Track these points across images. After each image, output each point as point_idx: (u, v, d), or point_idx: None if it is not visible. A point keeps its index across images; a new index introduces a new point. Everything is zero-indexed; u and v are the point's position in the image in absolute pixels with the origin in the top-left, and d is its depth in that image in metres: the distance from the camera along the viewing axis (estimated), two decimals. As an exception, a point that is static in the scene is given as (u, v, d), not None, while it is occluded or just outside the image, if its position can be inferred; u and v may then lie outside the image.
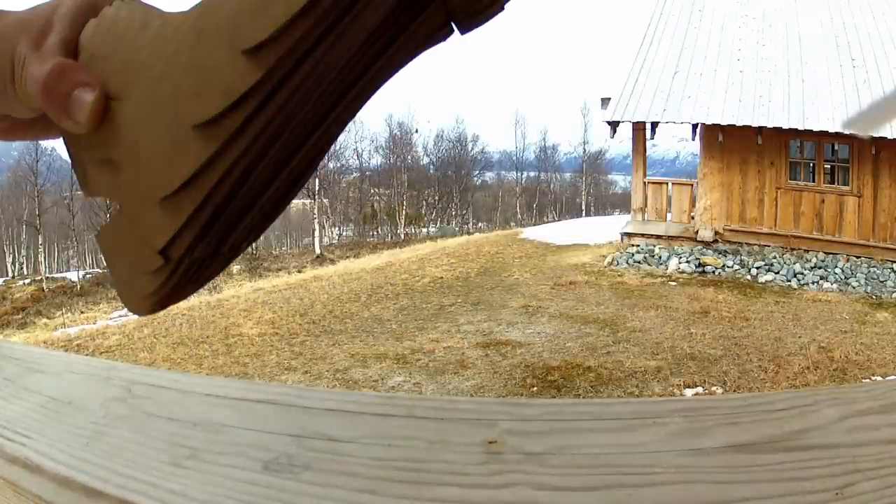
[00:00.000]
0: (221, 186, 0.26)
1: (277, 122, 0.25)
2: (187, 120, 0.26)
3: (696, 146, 11.01)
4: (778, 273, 9.20)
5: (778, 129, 9.58)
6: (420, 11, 0.25)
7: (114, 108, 0.29)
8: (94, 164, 0.31)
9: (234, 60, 0.25)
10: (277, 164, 0.27)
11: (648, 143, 11.05)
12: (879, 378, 5.19)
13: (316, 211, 26.89)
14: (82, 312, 10.68)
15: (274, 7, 0.24)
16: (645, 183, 10.88)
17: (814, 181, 10.15)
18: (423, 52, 0.27)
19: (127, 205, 0.28)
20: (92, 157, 0.30)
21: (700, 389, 5.31)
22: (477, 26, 0.27)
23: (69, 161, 0.34)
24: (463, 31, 0.27)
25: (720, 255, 9.78)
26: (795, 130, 9.51)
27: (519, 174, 43.77)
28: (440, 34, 0.27)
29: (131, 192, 0.28)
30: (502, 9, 0.26)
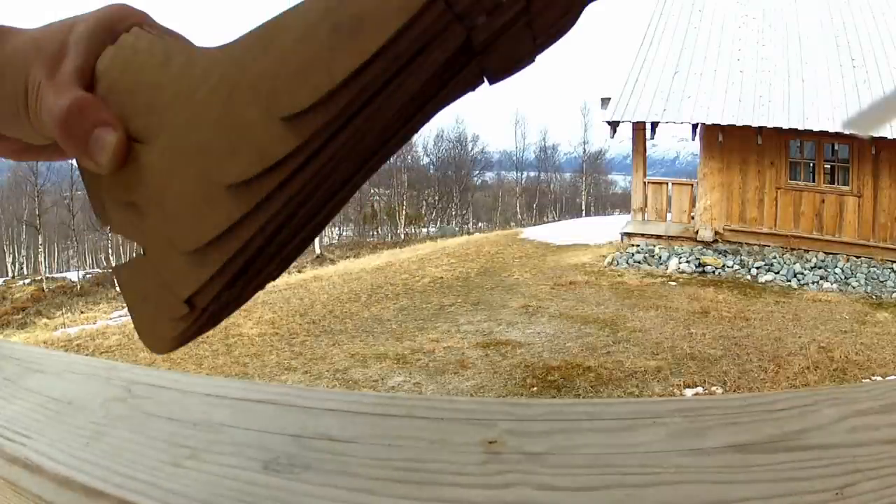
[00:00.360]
0: (253, 242, 0.26)
1: (313, 184, 0.25)
2: (219, 178, 0.25)
3: (696, 146, 11.02)
4: (778, 273, 9.20)
5: (778, 129, 9.58)
6: (457, 72, 0.25)
7: (136, 150, 0.28)
8: (114, 204, 0.30)
9: (270, 125, 0.24)
10: (307, 217, 0.27)
11: (648, 143, 11.05)
12: (879, 378, 5.19)
13: (316, 211, 26.74)
14: (82, 312, 10.68)
15: (315, 76, 0.23)
16: (645, 183, 10.88)
17: (814, 181, 10.15)
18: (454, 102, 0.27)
19: (151, 251, 0.28)
20: (112, 196, 0.30)
21: (700, 389, 5.31)
22: (507, 78, 0.27)
23: (84, 189, 0.33)
24: (492, 83, 0.27)
25: (720, 255, 9.78)
26: (795, 130, 9.51)
27: (519, 174, 43.77)
28: (472, 87, 0.26)
29: (156, 240, 0.28)
30: (532, 61, 0.26)
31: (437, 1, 0.22)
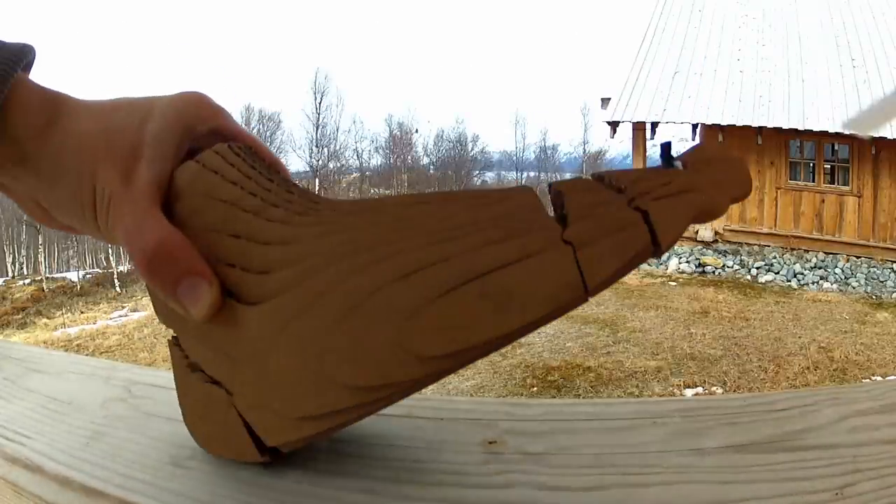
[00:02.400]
0: (349, 421, 0.26)
1: (422, 386, 0.26)
2: (335, 374, 0.25)
3: (696, 146, 10.99)
4: (778, 273, 9.20)
5: (778, 129, 9.57)
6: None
7: (234, 305, 0.27)
8: (195, 337, 0.29)
9: (399, 352, 0.24)
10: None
11: (648, 143, 11.04)
12: (879, 378, 5.19)
13: (316, 211, 26.73)
14: (82, 312, 10.68)
15: (458, 332, 0.24)
16: (645, 183, 10.87)
17: (814, 181, 10.14)
18: None
19: (239, 399, 0.28)
20: (195, 334, 0.29)
21: (700, 389, 5.31)
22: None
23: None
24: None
25: (720, 255, 9.77)
26: (795, 130, 9.51)
27: (519, 174, 43.76)
28: None
29: (249, 394, 0.27)
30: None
31: (583, 297, 0.23)
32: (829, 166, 10.15)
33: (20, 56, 0.30)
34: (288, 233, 0.27)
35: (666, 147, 0.27)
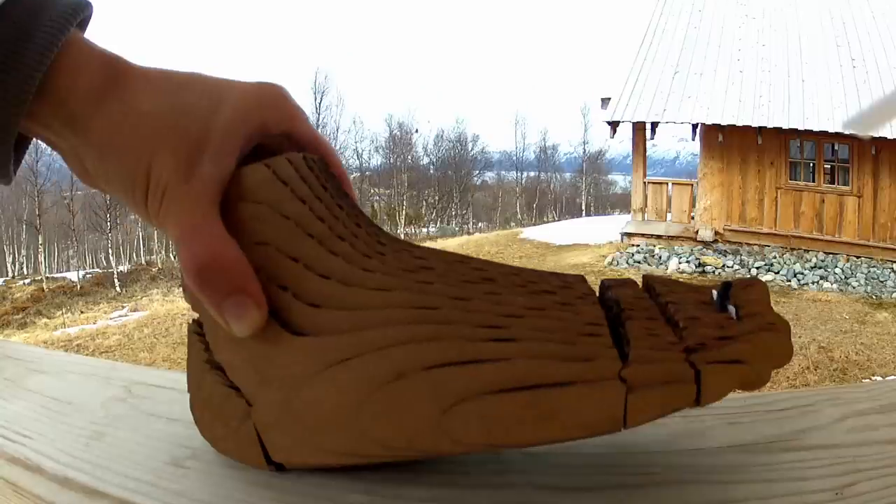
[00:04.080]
0: (368, 464, 0.28)
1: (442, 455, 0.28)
2: (369, 428, 0.25)
3: (696, 146, 11.01)
4: (778, 273, 9.20)
5: (778, 129, 9.57)
6: None
7: (276, 328, 0.27)
8: (229, 346, 0.28)
9: (436, 432, 0.25)
10: None
11: (648, 143, 11.04)
12: (879, 378, 5.19)
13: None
14: (82, 312, 10.68)
15: (498, 430, 0.25)
16: (645, 183, 10.88)
17: (814, 181, 10.14)
18: None
19: (259, 415, 0.28)
20: (230, 346, 0.28)
21: (700, 389, 5.30)
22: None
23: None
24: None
25: (720, 255, 9.77)
26: (795, 130, 9.51)
27: (519, 174, 43.75)
28: None
29: (271, 414, 0.27)
30: None
31: (618, 430, 0.25)
32: (829, 166, 10.15)
33: (76, 10, 0.27)
34: (349, 273, 0.27)
35: (724, 288, 0.29)
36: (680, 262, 9.62)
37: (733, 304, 0.28)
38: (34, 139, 0.29)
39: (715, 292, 0.29)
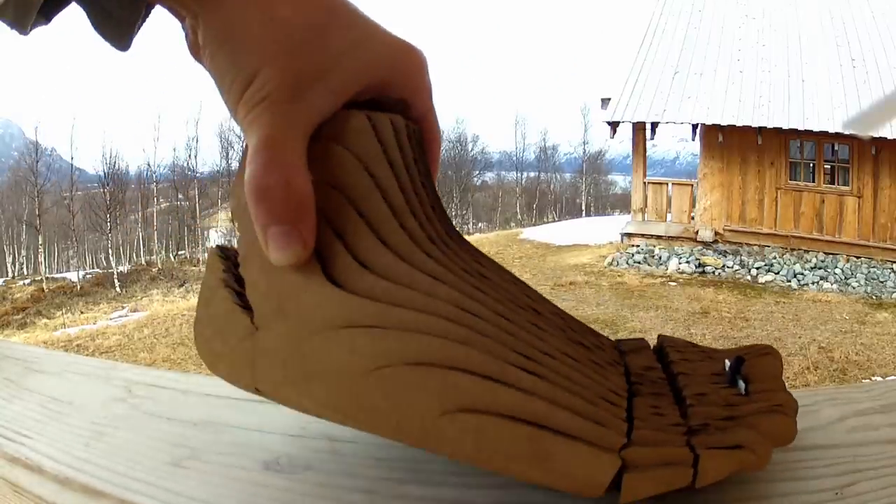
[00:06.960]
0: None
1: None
2: (362, 399, 0.25)
3: (696, 146, 11.01)
4: (778, 273, 9.20)
5: (778, 129, 9.57)
6: None
7: (316, 270, 0.26)
8: (261, 260, 0.28)
9: (427, 423, 0.25)
10: None
11: (648, 144, 11.04)
12: (879, 378, 5.19)
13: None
14: (82, 312, 10.68)
15: (488, 449, 0.24)
16: (645, 183, 10.88)
17: (814, 181, 10.15)
18: None
19: (261, 339, 0.28)
20: (263, 256, 0.27)
21: (700, 389, 5.30)
22: None
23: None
24: None
25: (720, 256, 9.78)
26: (795, 130, 9.51)
27: (519, 174, 43.76)
28: None
29: (273, 340, 0.27)
30: None
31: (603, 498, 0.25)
32: (829, 166, 10.15)
33: None
34: (409, 250, 0.27)
35: (735, 364, 0.29)
36: (680, 263, 9.62)
37: (744, 377, 0.28)
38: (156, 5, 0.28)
39: (727, 362, 0.29)
